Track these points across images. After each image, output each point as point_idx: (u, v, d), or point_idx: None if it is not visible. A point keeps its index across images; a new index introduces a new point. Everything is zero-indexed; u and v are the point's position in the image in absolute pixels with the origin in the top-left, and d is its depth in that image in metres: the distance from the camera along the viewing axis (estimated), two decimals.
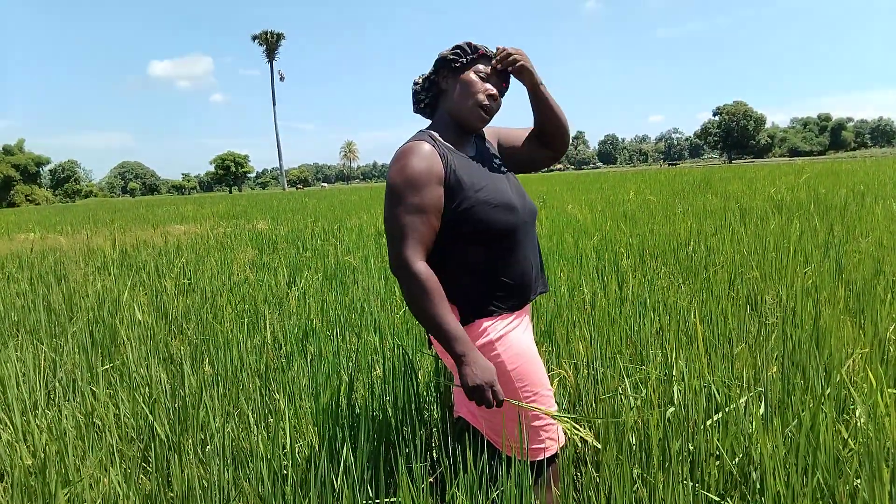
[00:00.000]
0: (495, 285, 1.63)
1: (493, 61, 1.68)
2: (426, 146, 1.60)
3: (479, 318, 1.62)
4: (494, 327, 1.62)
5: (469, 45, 1.67)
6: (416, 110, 1.79)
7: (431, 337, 1.72)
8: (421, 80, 1.75)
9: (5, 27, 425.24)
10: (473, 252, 1.63)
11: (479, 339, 1.61)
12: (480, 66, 1.67)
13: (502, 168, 1.77)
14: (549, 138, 1.79)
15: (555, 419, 1.66)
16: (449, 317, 1.51)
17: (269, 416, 2.49)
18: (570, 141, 1.84)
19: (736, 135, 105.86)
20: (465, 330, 1.61)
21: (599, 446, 1.84)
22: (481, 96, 1.66)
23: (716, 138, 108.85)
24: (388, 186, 1.59)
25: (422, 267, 1.53)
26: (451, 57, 1.67)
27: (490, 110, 1.68)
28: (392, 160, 1.63)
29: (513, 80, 1.75)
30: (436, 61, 1.71)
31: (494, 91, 1.67)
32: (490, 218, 1.60)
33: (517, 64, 1.66)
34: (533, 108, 1.76)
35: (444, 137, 1.68)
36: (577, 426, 1.61)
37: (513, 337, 1.64)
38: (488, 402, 1.50)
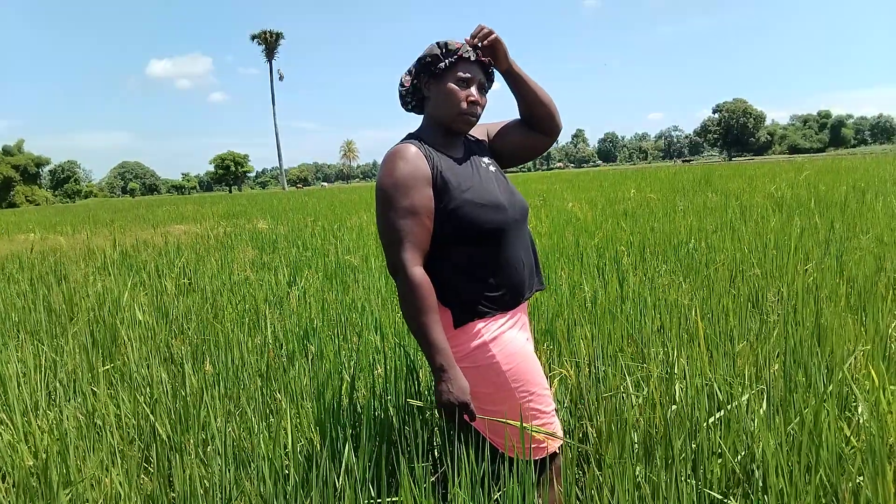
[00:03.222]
0: (487, 286, 1.63)
1: (469, 38, 1.66)
2: (412, 149, 1.60)
3: (473, 320, 1.62)
4: (488, 328, 1.62)
5: (447, 48, 1.65)
6: (406, 110, 1.79)
7: None
8: (406, 83, 1.73)
9: (3, 28, 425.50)
10: (463, 253, 1.62)
11: (473, 340, 1.61)
12: (460, 72, 1.65)
13: (491, 167, 1.76)
14: (537, 120, 1.77)
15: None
16: (435, 328, 1.51)
17: (271, 416, 2.48)
18: (561, 122, 1.80)
19: (736, 132, 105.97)
20: (459, 332, 1.61)
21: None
22: (464, 105, 1.65)
23: (715, 136, 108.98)
24: (378, 191, 1.59)
25: (417, 272, 1.53)
26: (429, 62, 1.66)
27: (474, 114, 1.68)
28: (380, 165, 1.64)
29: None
30: (415, 66, 1.70)
31: (476, 96, 1.66)
32: (478, 218, 1.60)
33: (490, 37, 1.65)
34: (513, 91, 1.75)
35: (432, 139, 1.68)
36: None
37: (507, 337, 1.64)
38: (457, 420, 1.52)
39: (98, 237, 11.70)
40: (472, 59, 1.67)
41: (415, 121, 1.81)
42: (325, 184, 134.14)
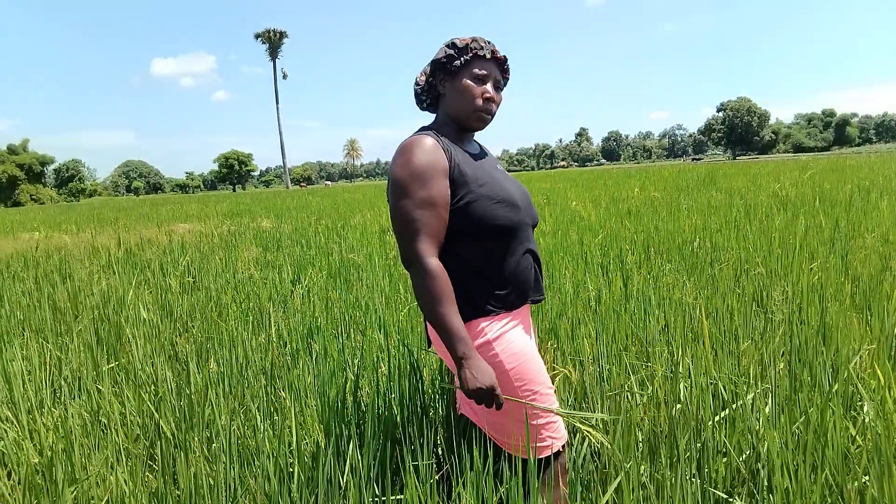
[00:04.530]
0: (494, 283, 1.63)
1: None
2: (429, 140, 1.59)
3: (478, 318, 1.61)
4: (492, 327, 1.61)
5: (462, 45, 1.65)
6: (421, 109, 1.79)
7: (431, 337, 1.72)
8: (422, 82, 1.74)
9: (8, 27, 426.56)
10: (473, 249, 1.62)
11: (476, 338, 1.60)
12: (476, 70, 1.65)
13: (506, 174, 1.77)
14: None
15: (561, 416, 1.66)
16: (455, 317, 1.50)
17: (275, 414, 2.49)
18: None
19: (740, 131, 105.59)
20: None
21: (608, 444, 1.83)
22: (479, 101, 1.65)
23: (720, 135, 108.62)
24: (393, 181, 1.58)
25: (434, 263, 1.52)
26: (445, 60, 1.66)
27: (489, 111, 1.68)
28: (395, 155, 1.62)
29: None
30: (431, 64, 1.70)
31: (491, 93, 1.67)
32: (491, 213, 1.60)
33: None
34: None
35: (447, 135, 1.68)
36: (586, 422, 1.60)
37: (510, 336, 1.63)
38: (488, 404, 1.50)
39: (103, 236, 11.73)
40: (488, 56, 1.66)
41: (419, 121, 1.81)
42: (329, 182, 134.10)
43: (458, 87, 1.66)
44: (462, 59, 1.65)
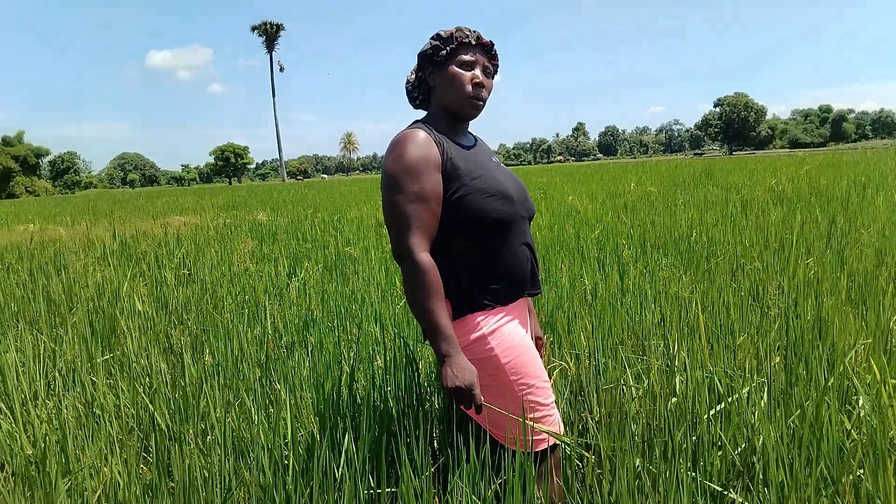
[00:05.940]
0: (489, 278, 1.62)
1: None
2: (422, 133, 1.58)
3: (473, 312, 1.60)
4: (487, 321, 1.61)
5: (446, 35, 1.65)
6: (414, 107, 1.78)
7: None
8: (412, 79, 1.73)
9: (3, 18, 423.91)
10: (467, 243, 1.61)
11: (472, 332, 1.59)
12: (463, 56, 1.65)
13: (501, 164, 1.76)
14: None
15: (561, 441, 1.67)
16: (442, 314, 1.50)
17: (270, 406, 2.48)
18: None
19: (737, 126, 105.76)
20: (459, 324, 1.60)
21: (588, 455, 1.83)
22: (468, 88, 1.64)
23: (716, 130, 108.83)
24: (386, 175, 1.57)
25: (425, 258, 1.51)
26: (430, 52, 1.66)
27: (480, 97, 1.67)
28: (387, 149, 1.61)
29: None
30: (418, 58, 1.69)
31: (481, 78, 1.66)
32: (485, 206, 1.59)
33: None
34: None
35: (440, 128, 1.67)
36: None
37: (506, 330, 1.62)
38: (466, 405, 1.49)
39: (98, 228, 11.68)
40: (473, 42, 1.65)
41: (415, 113, 1.79)
42: (325, 176, 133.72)
43: (446, 76, 1.65)
44: (447, 48, 1.64)
